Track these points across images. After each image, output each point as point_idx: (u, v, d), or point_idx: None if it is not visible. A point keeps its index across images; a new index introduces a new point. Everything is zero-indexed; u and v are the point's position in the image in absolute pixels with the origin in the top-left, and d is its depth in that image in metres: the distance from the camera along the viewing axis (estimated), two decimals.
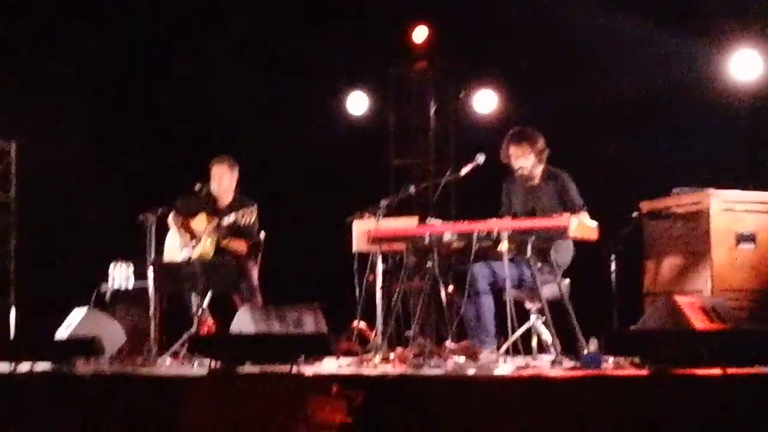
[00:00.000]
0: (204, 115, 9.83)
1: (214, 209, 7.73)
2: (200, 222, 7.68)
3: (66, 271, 9.20)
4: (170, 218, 7.74)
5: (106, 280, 8.24)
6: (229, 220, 7.42)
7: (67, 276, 9.02)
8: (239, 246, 7.61)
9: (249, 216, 7.35)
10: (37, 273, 9.50)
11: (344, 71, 9.92)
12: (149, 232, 7.23)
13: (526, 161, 6.51)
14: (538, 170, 6.58)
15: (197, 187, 7.64)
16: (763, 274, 7.07)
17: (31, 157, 9.64)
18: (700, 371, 4.54)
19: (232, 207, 7.63)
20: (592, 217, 6.25)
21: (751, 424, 4.25)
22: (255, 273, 7.68)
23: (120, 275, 8.20)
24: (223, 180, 7.72)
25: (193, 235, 7.68)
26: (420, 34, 9.96)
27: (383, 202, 6.76)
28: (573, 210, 6.28)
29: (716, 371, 4.48)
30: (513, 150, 6.53)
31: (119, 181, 9.68)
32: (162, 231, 7.67)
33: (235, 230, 7.52)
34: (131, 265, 8.19)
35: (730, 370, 4.46)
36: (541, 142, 6.52)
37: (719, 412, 4.33)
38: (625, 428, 4.50)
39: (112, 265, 8.23)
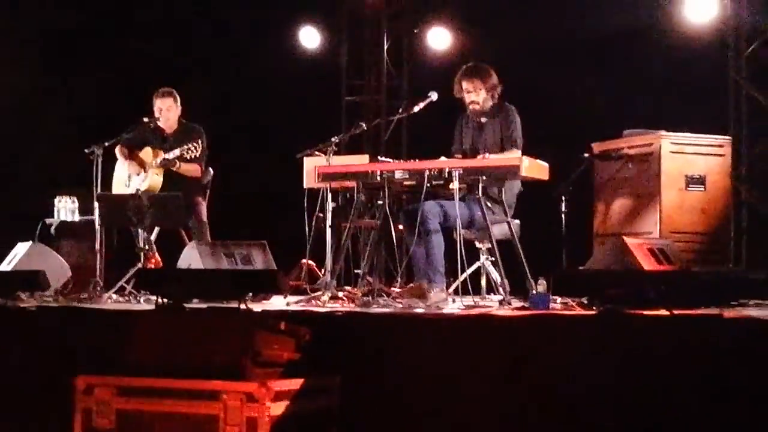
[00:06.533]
0: (152, 47, 9.62)
1: (161, 140, 7.65)
2: (147, 154, 7.60)
3: (10, 204, 9.02)
4: (117, 150, 7.63)
5: (52, 214, 8.12)
6: (174, 153, 7.38)
7: (11, 209, 8.85)
8: (192, 170, 7.53)
9: (194, 151, 7.34)
10: None
11: (296, 3, 9.75)
12: (96, 164, 7.13)
13: (477, 96, 6.49)
14: (489, 106, 6.55)
15: (146, 119, 7.54)
16: (711, 217, 7.14)
17: None
18: (648, 312, 4.57)
19: (179, 136, 7.59)
20: (543, 158, 6.24)
21: (696, 365, 4.29)
22: (203, 209, 7.61)
23: (65, 209, 8.09)
24: (170, 113, 7.66)
25: (141, 167, 7.59)
26: None
27: (334, 139, 6.69)
28: (509, 144, 6.30)
29: (663, 312, 4.51)
30: (465, 84, 6.50)
31: (66, 112, 9.48)
32: (109, 164, 7.56)
33: (183, 160, 7.45)
34: (75, 199, 8.08)
35: (677, 312, 4.49)
36: (493, 78, 6.49)
37: (665, 352, 4.36)
38: (572, 368, 4.52)
39: (57, 199, 8.11)
